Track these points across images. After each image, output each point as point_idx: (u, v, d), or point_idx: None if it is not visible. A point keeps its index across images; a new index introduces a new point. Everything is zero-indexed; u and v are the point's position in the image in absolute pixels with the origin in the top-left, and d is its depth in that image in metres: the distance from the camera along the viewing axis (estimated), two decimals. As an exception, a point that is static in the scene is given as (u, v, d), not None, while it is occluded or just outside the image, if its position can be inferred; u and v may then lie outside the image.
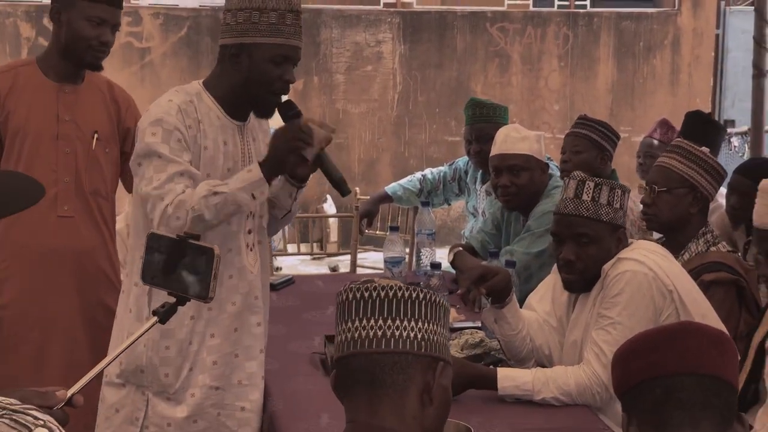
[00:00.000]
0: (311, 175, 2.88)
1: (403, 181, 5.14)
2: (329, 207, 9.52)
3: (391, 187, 5.16)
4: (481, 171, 4.78)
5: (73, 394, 1.63)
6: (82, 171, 3.48)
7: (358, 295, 1.74)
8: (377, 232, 6.29)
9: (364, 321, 1.72)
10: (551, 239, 3.79)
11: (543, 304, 3.17)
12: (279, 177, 2.93)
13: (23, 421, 1.31)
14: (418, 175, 5.12)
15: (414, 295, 1.74)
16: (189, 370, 2.83)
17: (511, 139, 3.93)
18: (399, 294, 1.73)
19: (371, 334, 1.71)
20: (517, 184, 3.90)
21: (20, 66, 3.56)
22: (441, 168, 5.11)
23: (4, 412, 1.32)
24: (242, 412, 2.89)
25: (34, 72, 3.48)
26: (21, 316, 3.43)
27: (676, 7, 10.62)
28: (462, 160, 5.04)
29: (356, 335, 1.73)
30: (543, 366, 3.08)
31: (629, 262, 2.88)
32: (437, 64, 10.08)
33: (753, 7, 7.19)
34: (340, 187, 2.83)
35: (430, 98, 10.09)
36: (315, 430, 2.68)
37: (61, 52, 3.45)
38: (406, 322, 1.71)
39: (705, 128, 4.78)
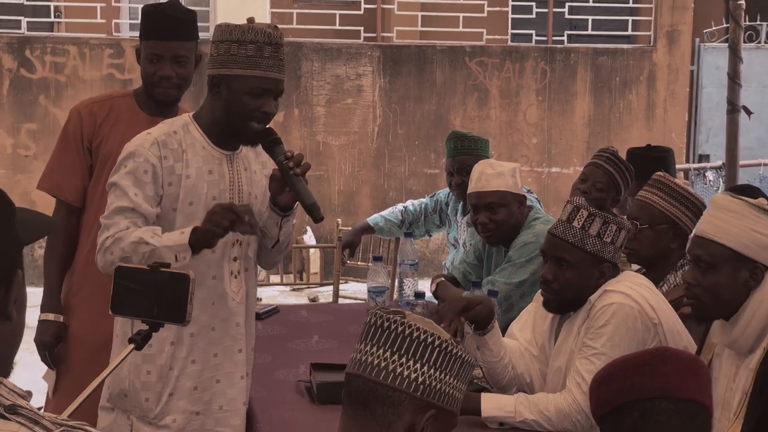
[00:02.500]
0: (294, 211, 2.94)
1: (384, 213, 5.19)
2: (309, 238, 9.55)
3: (372, 219, 5.21)
4: (462, 203, 4.83)
5: None
6: None
7: (379, 323, 1.80)
8: (359, 263, 6.34)
9: (375, 348, 1.78)
10: (532, 269, 3.88)
11: (524, 332, 3.21)
12: (266, 205, 2.98)
13: None
14: (400, 206, 5.17)
15: (430, 340, 1.78)
16: (169, 395, 2.87)
17: (485, 177, 3.96)
18: (415, 334, 1.78)
19: (375, 362, 1.77)
20: (495, 220, 3.94)
21: (117, 96, 3.70)
22: (422, 200, 5.17)
23: (62, 429, 1.40)
24: None
25: (130, 103, 3.62)
26: (86, 338, 3.51)
27: (652, 44, 10.77)
28: (443, 192, 5.10)
29: (364, 359, 1.79)
30: (521, 388, 3.14)
31: (616, 294, 2.92)
32: (417, 98, 10.17)
33: (727, 45, 7.32)
34: (312, 213, 2.85)
35: (409, 131, 10.17)
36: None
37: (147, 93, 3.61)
38: (411, 362, 1.76)
39: (649, 163, 4.66)
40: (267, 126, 2.92)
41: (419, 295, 3.80)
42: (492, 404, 2.93)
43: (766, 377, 2.57)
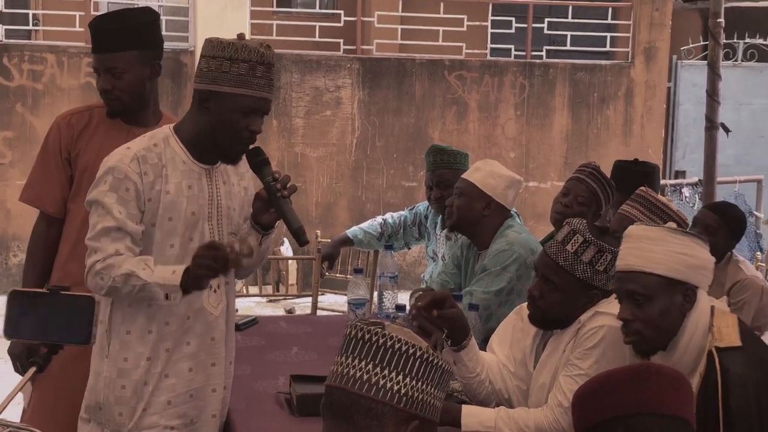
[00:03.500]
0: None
1: (364, 225, 5.19)
2: (286, 250, 9.53)
3: (351, 231, 5.21)
4: (441, 216, 4.84)
5: None
6: None
7: (360, 335, 1.79)
8: (337, 275, 6.33)
9: (356, 361, 1.77)
10: (508, 277, 3.88)
11: (502, 346, 3.20)
12: (246, 221, 2.98)
13: None
14: (379, 219, 5.17)
15: (411, 351, 1.77)
16: (143, 411, 2.85)
17: (472, 168, 4.15)
18: (396, 346, 1.77)
19: (357, 375, 1.76)
20: (450, 203, 4.12)
21: (96, 107, 3.66)
22: (402, 212, 5.17)
23: (9, 429, 1.41)
24: None
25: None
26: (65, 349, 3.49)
27: (630, 60, 10.84)
28: (422, 205, 5.10)
29: (344, 371, 1.78)
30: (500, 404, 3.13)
31: (607, 317, 2.89)
32: (396, 110, 10.19)
33: (704, 62, 7.37)
34: (299, 237, 2.86)
35: (388, 143, 10.18)
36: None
37: None
38: (393, 374, 1.75)
39: (634, 177, 4.72)
40: (255, 145, 2.90)
41: (400, 307, 3.79)
42: (472, 419, 2.92)
43: (705, 404, 2.54)
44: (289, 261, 9.10)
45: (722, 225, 4.47)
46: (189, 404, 2.92)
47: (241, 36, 2.81)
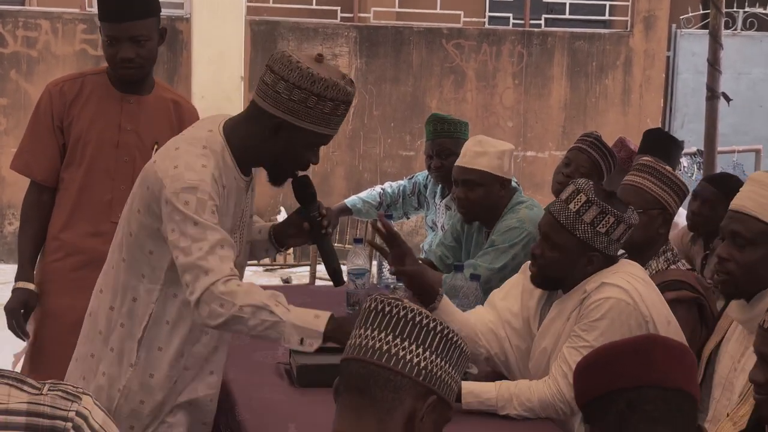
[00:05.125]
0: (265, 187, 2.86)
1: (362, 194, 5.16)
2: (282, 218, 9.50)
3: (350, 200, 5.18)
4: (440, 186, 4.81)
5: None
6: None
7: (380, 308, 1.76)
8: (335, 244, 6.30)
9: (376, 332, 1.74)
10: (513, 254, 3.85)
11: (507, 301, 3.16)
12: (266, 235, 2.96)
13: (71, 391, 1.43)
14: (378, 188, 5.13)
15: (432, 325, 1.74)
16: (155, 427, 2.79)
17: (471, 153, 3.96)
18: (417, 319, 1.74)
19: (377, 345, 1.73)
20: (470, 198, 3.95)
21: (89, 74, 3.63)
22: (400, 182, 5.14)
23: (48, 385, 1.43)
24: None
25: (102, 81, 3.57)
26: (62, 317, 3.47)
27: (629, 29, 10.77)
28: (421, 175, 5.07)
29: (364, 343, 1.74)
30: (499, 371, 3.11)
31: (613, 288, 2.88)
32: (393, 79, 10.12)
33: (703, 31, 7.32)
34: (335, 277, 2.86)
35: (385, 112, 10.12)
36: (282, 440, 2.68)
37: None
38: (414, 346, 1.72)
39: (667, 145, 4.84)
40: (304, 175, 2.82)
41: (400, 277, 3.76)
42: (473, 398, 2.88)
43: None
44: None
45: (722, 198, 4.45)
46: (185, 410, 2.84)
47: (319, 58, 2.64)
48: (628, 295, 2.87)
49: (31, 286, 3.54)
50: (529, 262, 3.07)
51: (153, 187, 2.62)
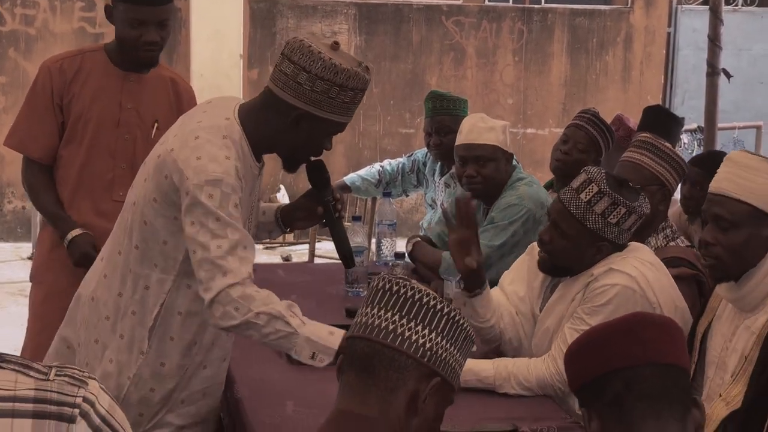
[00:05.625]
0: (266, 164, 2.81)
1: (361, 172, 5.15)
2: (282, 197, 9.49)
3: (349, 178, 5.17)
4: (440, 163, 4.80)
5: None
6: (140, 158, 3.48)
7: (388, 287, 1.75)
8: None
9: (383, 311, 1.73)
10: (513, 231, 3.85)
11: (515, 285, 3.16)
12: (271, 217, 2.95)
13: (77, 376, 1.42)
14: (377, 166, 5.12)
15: (439, 307, 1.74)
16: (164, 414, 2.77)
17: (477, 129, 3.93)
18: (424, 300, 1.74)
19: (383, 325, 1.72)
20: (483, 174, 3.91)
21: (88, 51, 3.60)
22: (400, 159, 5.12)
23: (55, 370, 1.42)
24: None
25: (102, 58, 3.55)
26: (63, 296, 3.43)
27: (629, 5, 10.73)
28: (421, 152, 5.06)
29: (370, 322, 1.74)
30: (506, 353, 3.11)
31: (621, 275, 2.86)
32: (393, 56, 10.09)
33: (704, 6, 7.29)
34: (347, 260, 2.88)
35: (385, 90, 10.09)
36: (281, 418, 2.68)
37: (119, 48, 3.52)
38: (420, 327, 1.72)
39: (667, 122, 4.82)
40: (319, 160, 2.80)
41: (398, 255, 3.76)
42: (471, 375, 2.87)
43: None
44: (286, 208, 9.05)
45: (708, 178, 4.43)
46: (200, 402, 2.83)
47: (335, 46, 2.62)
48: (636, 282, 2.86)
49: (79, 231, 3.47)
50: (536, 242, 3.06)
51: (173, 177, 2.56)
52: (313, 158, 2.77)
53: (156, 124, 3.56)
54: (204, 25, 9.28)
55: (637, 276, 2.87)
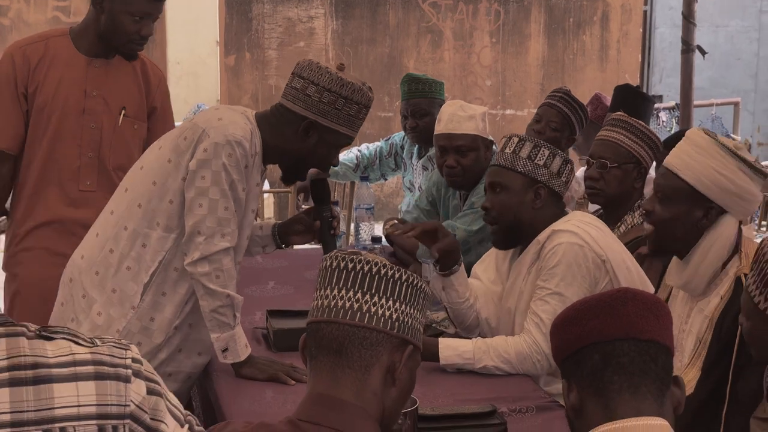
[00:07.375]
0: None
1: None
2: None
3: (327, 163, 5.15)
4: (417, 146, 4.80)
5: None
6: (106, 147, 3.52)
7: (342, 265, 1.75)
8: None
9: (343, 291, 1.73)
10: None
11: (488, 272, 3.21)
12: (268, 231, 3.12)
13: (118, 342, 1.58)
14: (355, 150, 5.11)
15: (397, 276, 1.74)
16: None
17: (457, 118, 3.90)
18: (382, 271, 1.74)
19: (347, 305, 1.72)
20: (462, 165, 3.89)
21: (52, 37, 3.54)
22: (377, 143, 5.12)
23: (98, 338, 1.57)
24: None
25: (66, 44, 3.50)
26: (37, 287, 3.44)
27: (605, -16, 10.73)
28: (398, 135, 5.05)
29: (332, 303, 1.73)
30: (484, 335, 3.13)
31: (564, 234, 2.93)
32: (370, 40, 10.07)
33: (680, -16, 7.30)
34: (327, 248, 3.03)
35: (362, 74, 10.06)
36: (260, 406, 2.68)
37: (99, 35, 3.47)
38: (383, 300, 1.72)
39: (635, 101, 4.83)
40: (323, 179, 3.07)
41: (376, 239, 3.77)
42: (450, 351, 2.91)
43: (724, 330, 2.57)
44: (265, 194, 9.05)
45: None
46: (186, 384, 2.94)
47: (341, 67, 2.86)
48: (579, 237, 2.91)
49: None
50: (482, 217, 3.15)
51: (191, 136, 2.77)
52: (319, 175, 3.03)
53: (123, 111, 3.52)
54: (179, 12, 9.24)
55: (580, 232, 2.93)
